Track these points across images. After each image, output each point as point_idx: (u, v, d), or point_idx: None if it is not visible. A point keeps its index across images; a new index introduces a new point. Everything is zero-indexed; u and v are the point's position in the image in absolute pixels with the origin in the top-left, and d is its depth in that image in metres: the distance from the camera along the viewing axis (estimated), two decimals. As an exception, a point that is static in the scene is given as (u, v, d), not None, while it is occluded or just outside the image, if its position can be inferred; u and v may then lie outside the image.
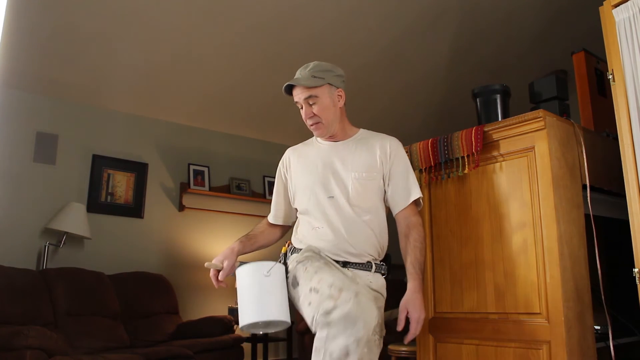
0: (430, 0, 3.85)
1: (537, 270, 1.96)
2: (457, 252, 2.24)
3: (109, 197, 4.55)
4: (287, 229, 2.19)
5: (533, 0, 3.99)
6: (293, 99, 1.97)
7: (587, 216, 2.09)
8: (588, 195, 2.10)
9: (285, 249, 1.99)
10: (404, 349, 2.73)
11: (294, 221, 2.10)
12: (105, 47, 3.85)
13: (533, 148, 2.03)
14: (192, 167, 5.02)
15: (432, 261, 2.33)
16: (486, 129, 2.17)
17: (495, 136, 2.15)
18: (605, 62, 2.20)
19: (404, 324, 1.76)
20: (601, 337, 2.04)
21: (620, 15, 2.01)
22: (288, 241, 2.03)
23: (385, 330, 1.89)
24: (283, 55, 4.10)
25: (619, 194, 2.17)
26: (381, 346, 1.88)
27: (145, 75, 4.25)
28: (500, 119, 2.27)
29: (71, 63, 3.97)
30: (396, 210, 1.95)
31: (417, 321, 1.76)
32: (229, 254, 1.93)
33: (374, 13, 3.88)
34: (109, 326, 3.74)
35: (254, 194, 5.33)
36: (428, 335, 2.29)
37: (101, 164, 4.53)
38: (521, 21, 4.22)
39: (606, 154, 2.30)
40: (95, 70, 4.09)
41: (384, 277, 1.95)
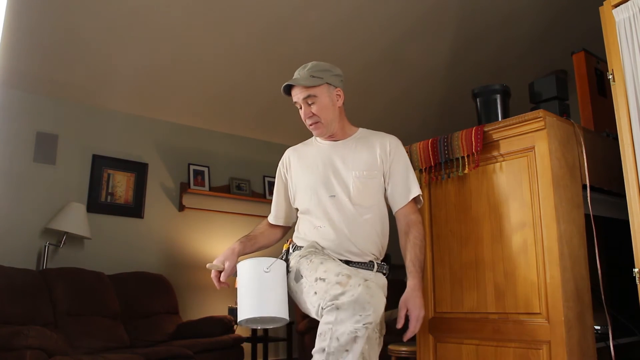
0: (430, 0, 3.85)
1: (537, 270, 1.96)
2: (457, 252, 2.24)
3: (109, 197, 4.55)
4: (288, 230, 2.19)
5: (533, 0, 3.99)
6: (292, 100, 1.97)
7: (587, 216, 2.09)
8: (588, 195, 2.10)
9: (287, 246, 1.99)
10: (404, 349, 2.73)
11: (294, 222, 2.10)
12: (105, 47, 3.86)
13: (533, 148, 2.03)
14: (192, 167, 5.02)
15: (432, 261, 2.33)
16: (486, 129, 2.17)
17: (495, 136, 2.15)
18: (605, 62, 2.20)
19: (404, 322, 1.77)
20: (601, 337, 2.04)
21: (620, 15, 2.01)
22: (290, 239, 2.03)
23: (385, 329, 1.89)
24: (283, 55, 4.10)
25: (619, 194, 2.17)
26: (381, 345, 1.88)
27: (145, 75, 4.25)
28: (500, 119, 2.27)
29: (71, 63, 3.98)
30: (396, 208, 1.95)
31: (417, 319, 1.76)
32: (230, 255, 1.92)
33: (374, 14, 3.89)
34: (109, 326, 3.74)
35: (254, 194, 5.33)
36: (428, 335, 2.29)
37: (101, 164, 4.53)
38: (521, 21, 4.22)
39: (606, 154, 2.30)
40: (95, 70, 4.09)
41: (385, 277, 1.95)
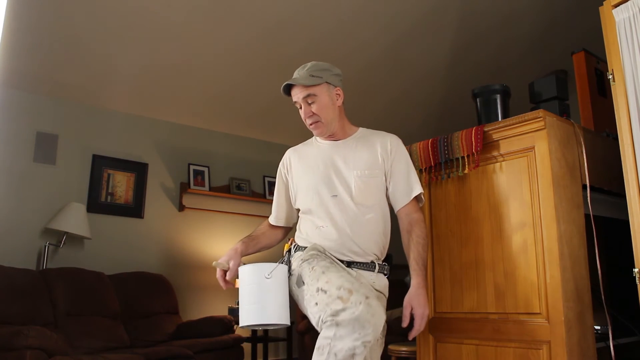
0: (430, 1, 3.85)
1: (537, 270, 1.96)
2: (457, 252, 2.24)
3: (109, 197, 4.55)
4: (289, 230, 2.18)
5: (533, 0, 3.99)
6: (292, 100, 1.96)
7: (587, 216, 2.09)
8: (588, 195, 2.10)
9: (288, 246, 1.98)
10: (404, 349, 2.73)
11: (295, 222, 2.09)
12: (105, 48, 3.85)
13: (533, 148, 2.03)
14: (192, 167, 5.02)
15: (432, 261, 2.33)
16: (486, 129, 2.17)
17: (495, 136, 2.15)
18: (605, 62, 2.20)
19: (409, 320, 1.78)
20: (601, 337, 2.04)
21: (620, 15, 2.01)
22: (291, 239, 2.02)
23: (386, 330, 1.89)
24: (283, 55, 4.10)
25: (619, 194, 2.17)
26: (382, 346, 1.88)
27: (145, 75, 4.25)
28: (500, 119, 2.27)
29: (71, 63, 3.98)
30: (398, 206, 1.95)
31: (422, 317, 1.77)
32: (234, 255, 1.92)
33: (375, 14, 3.88)
34: (109, 326, 3.74)
35: (254, 194, 5.33)
36: (428, 335, 2.29)
37: (101, 164, 4.53)
38: (521, 21, 4.21)
39: (606, 154, 2.29)
40: (95, 70, 4.09)
41: (386, 277, 1.95)
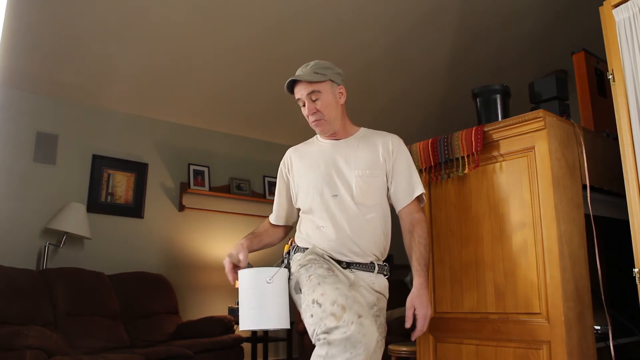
0: (430, 1, 3.85)
1: (537, 270, 1.96)
2: (457, 252, 2.24)
3: (109, 197, 4.55)
4: (289, 229, 2.18)
5: (533, 0, 3.99)
6: (294, 98, 1.96)
7: (587, 216, 2.09)
8: (588, 195, 2.10)
9: (287, 247, 1.98)
10: (404, 349, 2.73)
11: (295, 221, 2.09)
12: (105, 48, 3.85)
13: (533, 148, 2.03)
14: (192, 167, 5.02)
15: (432, 261, 2.32)
16: (486, 129, 2.17)
17: (495, 136, 2.15)
18: (605, 62, 2.20)
19: (412, 321, 1.78)
20: (601, 337, 2.04)
21: (620, 15, 2.01)
22: (291, 239, 2.01)
23: (386, 331, 1.89)
24: (283, 55, 4.10)
25: (619, 194, 2.17)
26: (383, 347, 1.88)
27: (145, 75, 4.25)
28: (500, 119, 2.27)
29: (71, 63, 3.98)
30: (399, 207, 1.95)
31: (424, 317, 1.77)
32: (242, 249, 1.91)
33: (375, 14, 3.88)
34: (109, 326, 3.74)
35: (254, 194, 5.33)
36: (428, 335, 2.29)
37: (101, 164, 4.53)
38: (521, 21, 4.21)
39: (606, 154, 2.29)
40: (95, 70, 4.09)
41: (386, 278, 1.94)
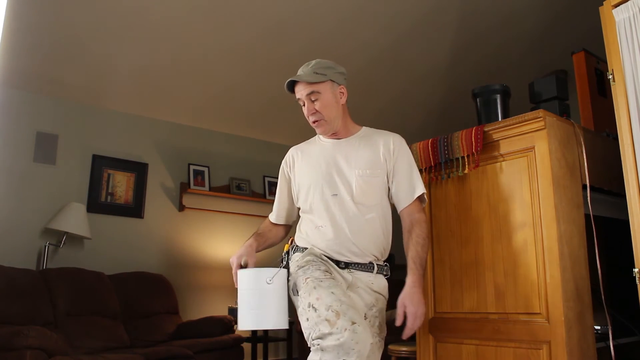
0: (430, 0, 3.85)
1: (537, 270, 1.96)
2: (457, 252, 2.24)
3: (109, 197, 4.55)
4: (289, 229, 2.18)
5: (533, 0, 3.99)
6: (295, 98, 1.95)
7: (587, 216, 2.09)
8: (588, 195, 2.10)
9: (287, 247, 1.98)
10: (404, 349, 2.73)
11: (295, 220, 2.09)
12: (105, 48, 3.85)
13: (533, 148, 2.03)
14: (192, 167, 5.02)
15: (432, 261, 2.33)
16: (486, 129, 2.17)
17: (495, 136, 2.15)
18: (605, 62, 2.20)
19: (403, 319, 1.73)
20: (601, 337, 2.04)
21: (620, 15, 2.01)
22: (291, 238, 2.01)
23: (386, 331, 1.89)
24: (283, 55, 4.10)
25: (619, 194, 2.17)
26: (382, 348, 1.88)
27: (145, 75, 4.25)
28: (500, 119, 2.27)
29: (71, 63, 3.98)
30: (400, 207, 1.94)
31: (415, 315, 1.72)
32: (251, 252, 1.91)
33: (375, 14, 3.88)
34: (109, 326, 3.74)
35: (254, 194, 5.33)
36: (428, 335, 2.29)
37: (101, 164, 4.53)
38: (521, 21, 4.21)
39: (606, 154, 2.30)
40: (95, 70, 4.09)
41: (386, 278, 1.94)
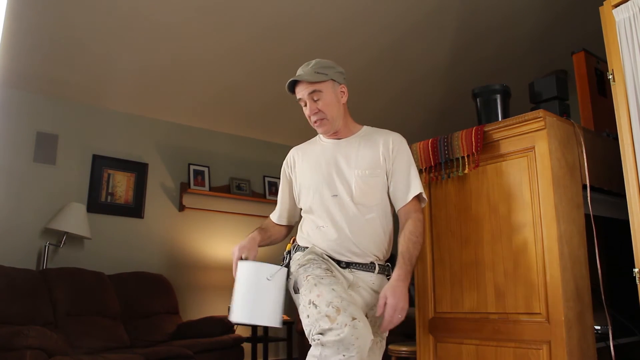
0: (430, 1, 3.85)
1: (537, 270, 1.96)
2: (457, 252, 2.24)
3: (109, 197, 4.55)
4: (292, 229, 2.18)
5: (533, 0, 3.99)
6: (296, 98, 1.95)
7: (587, 216, 2.09)
8: (588, 195, 2.10)
9: (289, 246, 1.98)
10: (404, 349, 2.73)
11: (298, 221, 2.09)
12: (105, 47, 3.85)
13: (533, 148, 2.04)
14: (192, 167, 5.02)
15: (432, 261, 2.33)
16: (486, 129, 2.17)
17: (495, 136, 2.15)
18: (605, 62, 2.20)
19: (382, 311, 1.70)
20: (601, 337, 2.04)
21: (620, 15, 2.01)
22: (293, 237, 2.02)
23: (388, 331, 1.88)
24: (283, 55, 4.10)
25: (619, 194, 2.17)
26: (383, 348, 1.88)
27: (145, 75, 4.25)
28: (500, 119, 2.27)
29: (71, 63, 3.97)
30: (398, 206, 1.94)
31: (394, 308, 1.67)
32: (254, 245, 1.91)
33: (375, 14, 3.88)
34: (109, 326, 3.74)
35: (254, 194, 5.33)
36: (428, 335, 2.29)
37: (101, 164, 4.53)
38: (521, 21, 4.21)
39: (606, 154, 2.30)
40: (95, 70, 4.09)
41: (388, 279, 1.93)
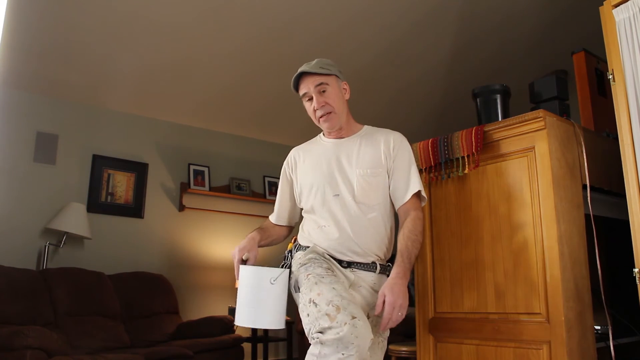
0: (431, 0, 3.85)
1: (537, 270, 1.96)
2: (457, 252, 2.24)
3: (109, 197, 4.55)
4: (292, 230, 2.18)
5: (533, 1, 3.99)
6: (296, 97, 1.96)
7: (587, 216, 2.09)
8: (588, 195, 2.10)
9: (291, 246, 1.98)
10: (404, 349, 2.73)
11: (297, 222, 2.09)
12: (105, 47, 3.85)
13: (533, 148, 2.03)
14: (192, 167, 5.02)
15: (432, 261, 2.33)
16: (486, 129, 2.17)
17: (495, 136, 2.15)
18: (605, 62, 2.20)
19: (381, 309, 1.69)
20: (601, 337, 2.04)
21: (620, 15, 2.01)
22: (294, 237, 2.02)
23: (389, 331, 1.89)
24: (283, 55, 4.10)
25: (619, 194, 2.17)
26: (385, 347, 1.88)
27: (145, 75, 4.25)
28: (500, 119, 2.27)
29: (71, 63, 3.97)
30: (398, 204, 1.93)
31: (393, 305, 1.66)
32: (253, 245, 1.91)
33: (375, 14, 3.88)
34: (109, 326, 3.74)
35: (254, 194, 5.33)
36: (428, 335, 2.29)
37: (101, 164, 4.53)
38: (521, 22, 4.21)
39: (606, 154, 2.30)
40: (95, 70, 4.09)
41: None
